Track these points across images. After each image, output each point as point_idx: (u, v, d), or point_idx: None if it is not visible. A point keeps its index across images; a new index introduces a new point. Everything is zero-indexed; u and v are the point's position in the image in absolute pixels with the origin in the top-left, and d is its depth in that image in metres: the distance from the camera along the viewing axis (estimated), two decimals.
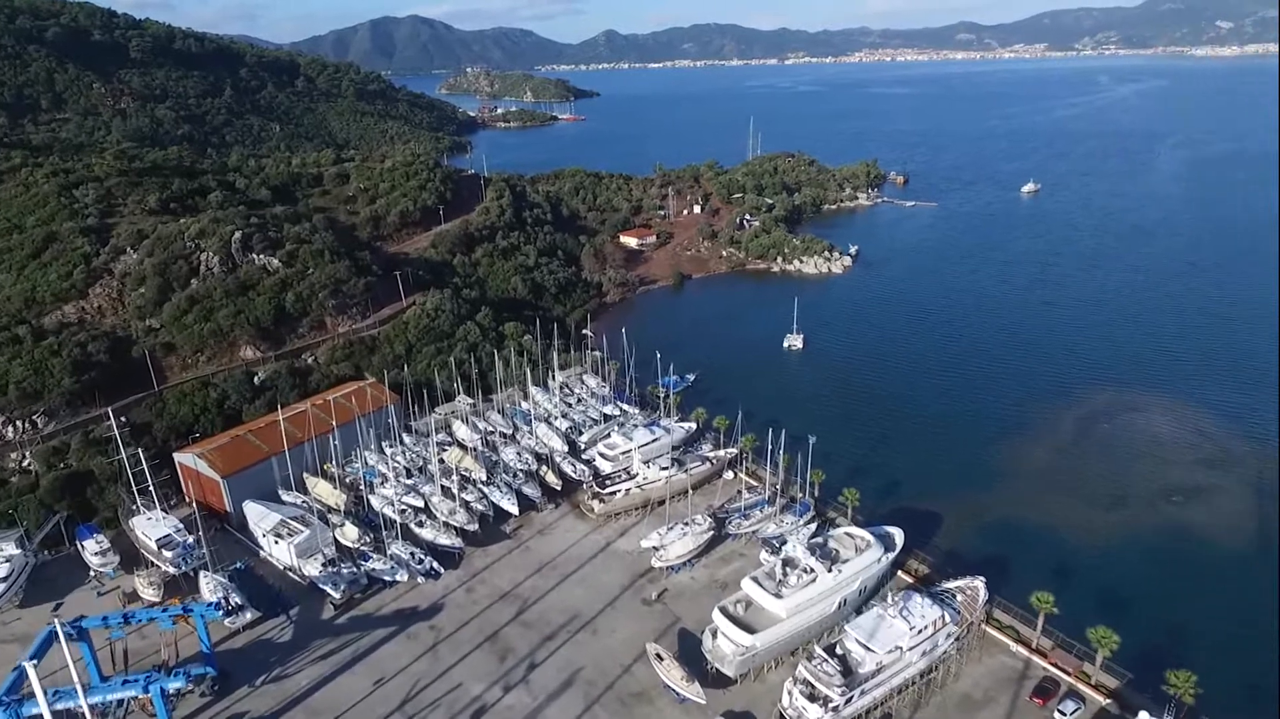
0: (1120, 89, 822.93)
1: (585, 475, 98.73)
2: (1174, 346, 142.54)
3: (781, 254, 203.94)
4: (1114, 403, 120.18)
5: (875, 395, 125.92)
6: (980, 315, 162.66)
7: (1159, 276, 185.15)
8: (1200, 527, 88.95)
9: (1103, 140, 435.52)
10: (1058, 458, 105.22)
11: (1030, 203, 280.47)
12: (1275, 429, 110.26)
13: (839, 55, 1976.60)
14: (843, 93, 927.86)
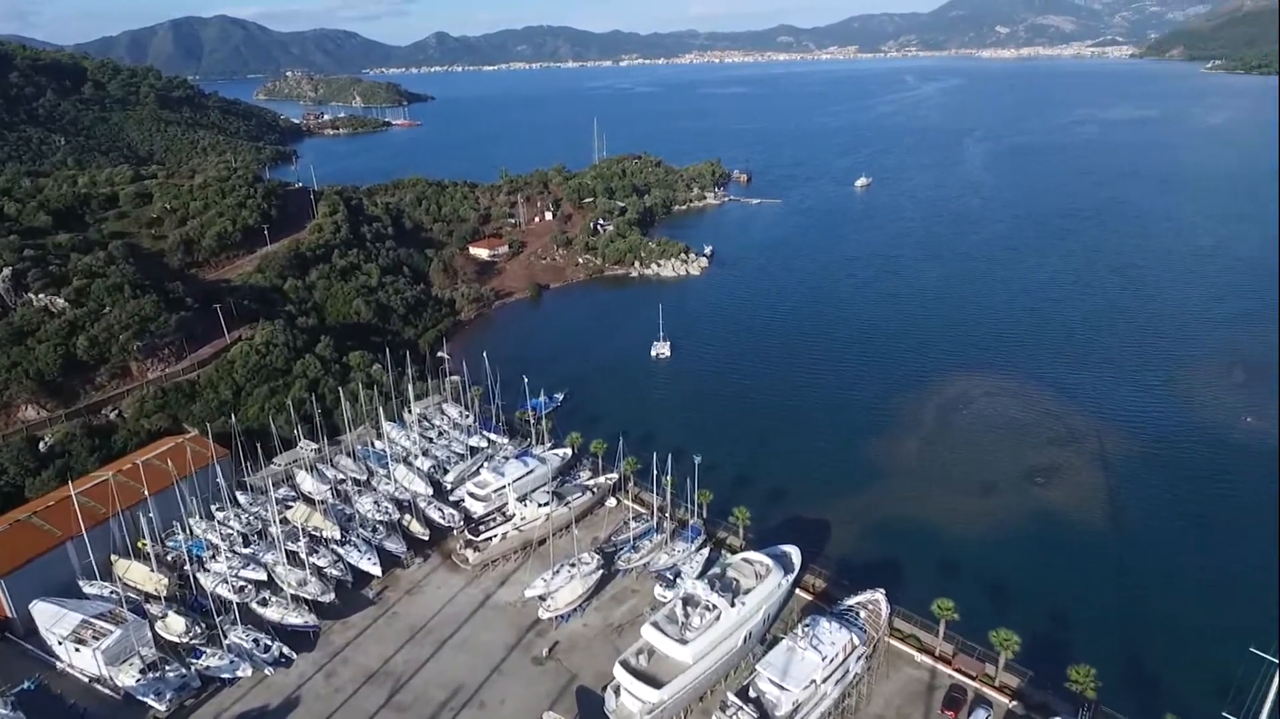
0: (925, 87, 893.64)
1: (455, 520, 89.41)
2: (1010, 330, 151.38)
3: (639, 258, 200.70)
4: (968, 389, 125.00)
5: (747, 401, 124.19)
6: (835, 310, 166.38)
7: (987, 263, 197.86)
8: (1063, 507, 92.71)
9: (919, 135, 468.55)
10: (927, 449, 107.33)
11: (865, 196, 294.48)
12: (1113, 404, 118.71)
13: (671, 57, 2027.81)
14: (679, 93, 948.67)
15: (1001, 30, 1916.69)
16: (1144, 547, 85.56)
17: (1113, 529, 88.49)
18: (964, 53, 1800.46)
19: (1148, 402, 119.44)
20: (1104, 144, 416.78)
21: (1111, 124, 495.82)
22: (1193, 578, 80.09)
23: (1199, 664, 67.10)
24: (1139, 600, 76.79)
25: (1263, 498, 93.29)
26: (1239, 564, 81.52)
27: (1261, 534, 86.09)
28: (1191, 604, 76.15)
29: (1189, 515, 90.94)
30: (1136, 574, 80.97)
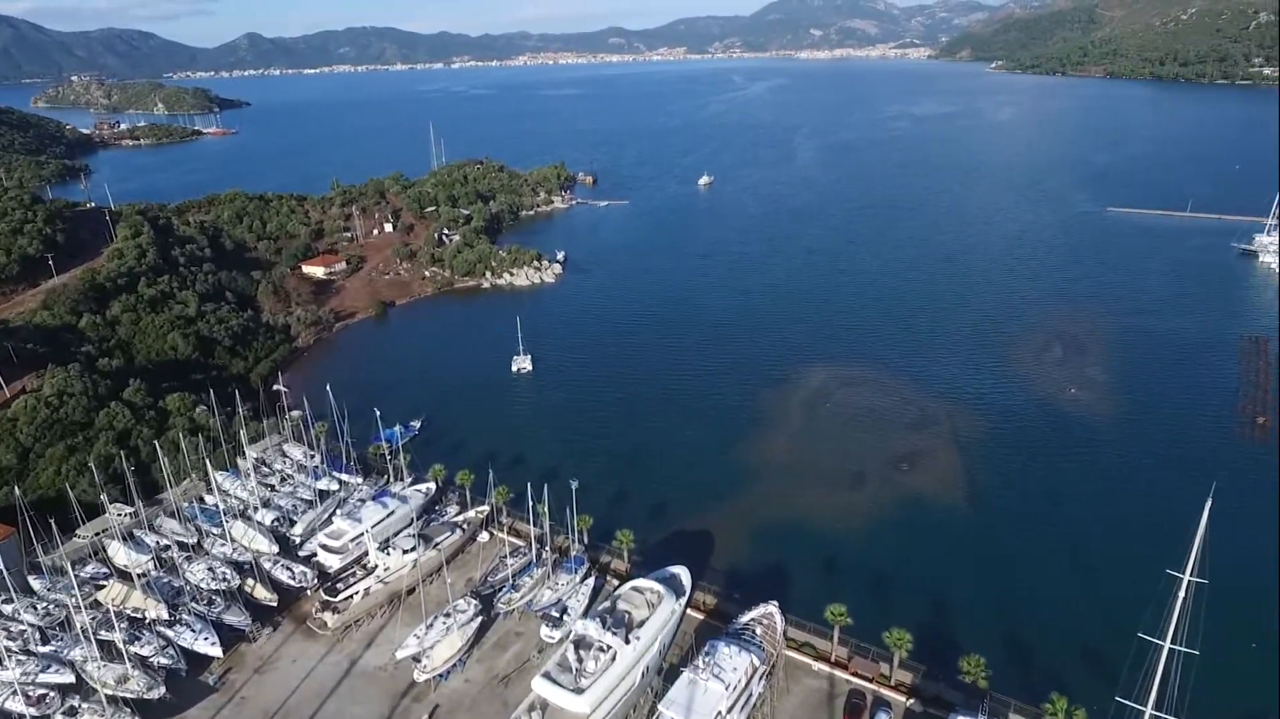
0: (754, 87, 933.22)
1: (308, 580, 79.64)
2: (858, 319, 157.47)
3: (490, 268, 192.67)
4: (827, 381, 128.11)
5: (617, 412, 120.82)
6: (693, 310, 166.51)
7: (829, 256, 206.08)
8: (929, 492, 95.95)
9: (753, 133, 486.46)
10: (796, 446, 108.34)
11: (708, 194, 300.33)
12: (957, 385, 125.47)
13: (504, 59, 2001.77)
14: (515, 95, 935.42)
15: (815, 33, 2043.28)
16: (1005, 524, 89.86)
17: (976, 509, 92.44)
18: (784, 54, 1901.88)
19: (987, 380, 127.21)
20: (917, 138, 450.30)
21: (921, 119, 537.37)
22: (1052, 552, 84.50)
23: (1076, 641, 70.61)
24: (1011, 580, 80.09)
25: (1093, 466, 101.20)
26: (1091, 537, 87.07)
27: (1102, 502, 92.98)
28: (1057, 579, 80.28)
29: (1038, 488, 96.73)
30: (1003, 553, 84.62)
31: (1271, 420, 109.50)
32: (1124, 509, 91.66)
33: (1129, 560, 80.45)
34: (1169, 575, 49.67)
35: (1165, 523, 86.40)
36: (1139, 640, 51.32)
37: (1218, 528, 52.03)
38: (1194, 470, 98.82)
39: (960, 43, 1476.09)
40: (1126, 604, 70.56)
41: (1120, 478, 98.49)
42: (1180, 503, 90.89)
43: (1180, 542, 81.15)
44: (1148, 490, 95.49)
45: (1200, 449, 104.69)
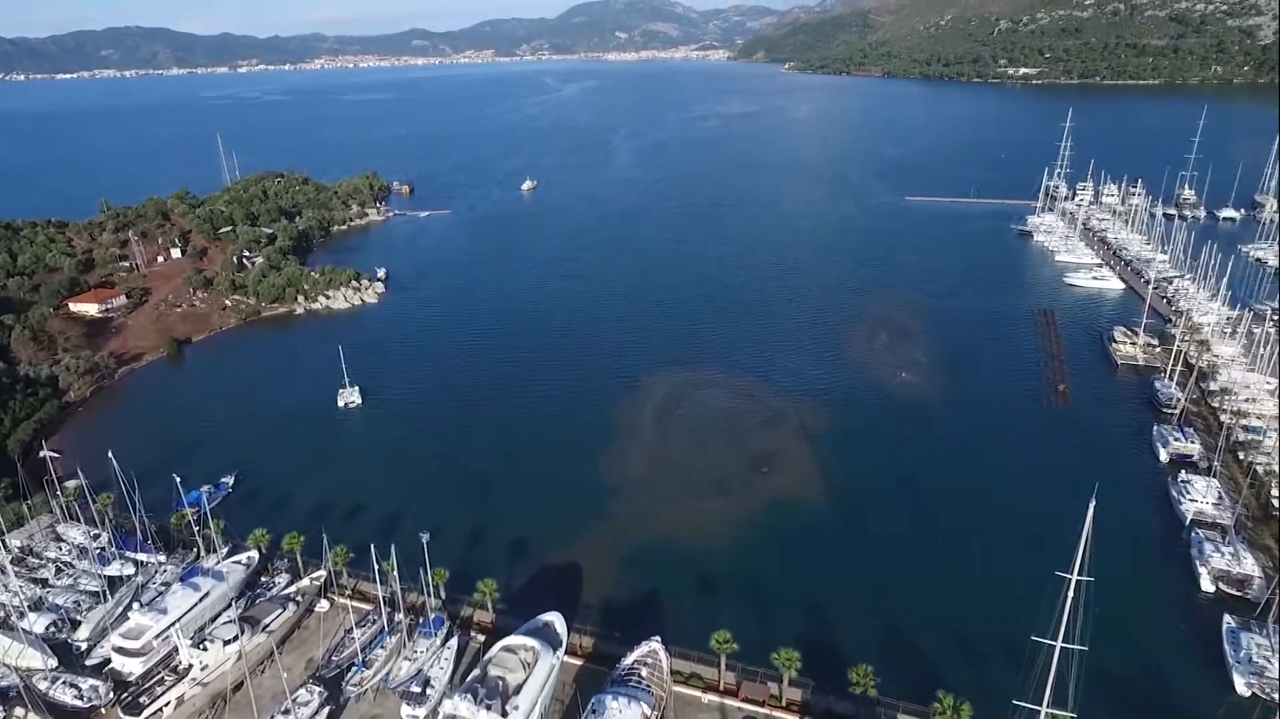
0: (567, 89, 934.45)
1: (100, 695, 65.47)
2: (698, 320, 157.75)
3: (302, 292, 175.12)
4: (677, 386, 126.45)
5: (462, 442, 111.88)
6: (531, 322, 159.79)
7: (660, 257, 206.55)
8: (791, 493, 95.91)
9: (572, 135, 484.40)
10: (655, 458, 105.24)
11: (533, 200, 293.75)
12: (800, 379, 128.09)
13: (298, 62, 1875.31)
14: (314, 100, 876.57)
15: (620, 35, 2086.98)
16: (868, 519, 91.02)
17: (840, 507, 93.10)
18: (592, 56, 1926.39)
19: (825, 371, 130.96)
20: (728, 136, 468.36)
21: (729, 118, 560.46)
22: (917, 544, 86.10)
23: (963, 643, 71.10)
24: (887, 580, 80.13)
25: (933, 447, 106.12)
26: (947, 522, 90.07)
27: (948, 482, 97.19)
28: (929, 573, 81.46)
29: (891, 476, 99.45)
30: (873, 551, 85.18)
31: (1070, 388, 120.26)
32: (971, 488, 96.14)
33: (995, 545, 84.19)
34: (1057, 577, 50.35)
35: (1014, 500, 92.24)
36: (1032, 643, 51.86)
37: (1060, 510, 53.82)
38: (1021, 441, 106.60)
39: (755, 45, 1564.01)
40: (1004, 598, 73.74)
41: (958, 457, 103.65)
42: (1022, 476, 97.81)
43: (1030, 519, 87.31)
44: (986, 465, 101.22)
45: (1020, 419, 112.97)
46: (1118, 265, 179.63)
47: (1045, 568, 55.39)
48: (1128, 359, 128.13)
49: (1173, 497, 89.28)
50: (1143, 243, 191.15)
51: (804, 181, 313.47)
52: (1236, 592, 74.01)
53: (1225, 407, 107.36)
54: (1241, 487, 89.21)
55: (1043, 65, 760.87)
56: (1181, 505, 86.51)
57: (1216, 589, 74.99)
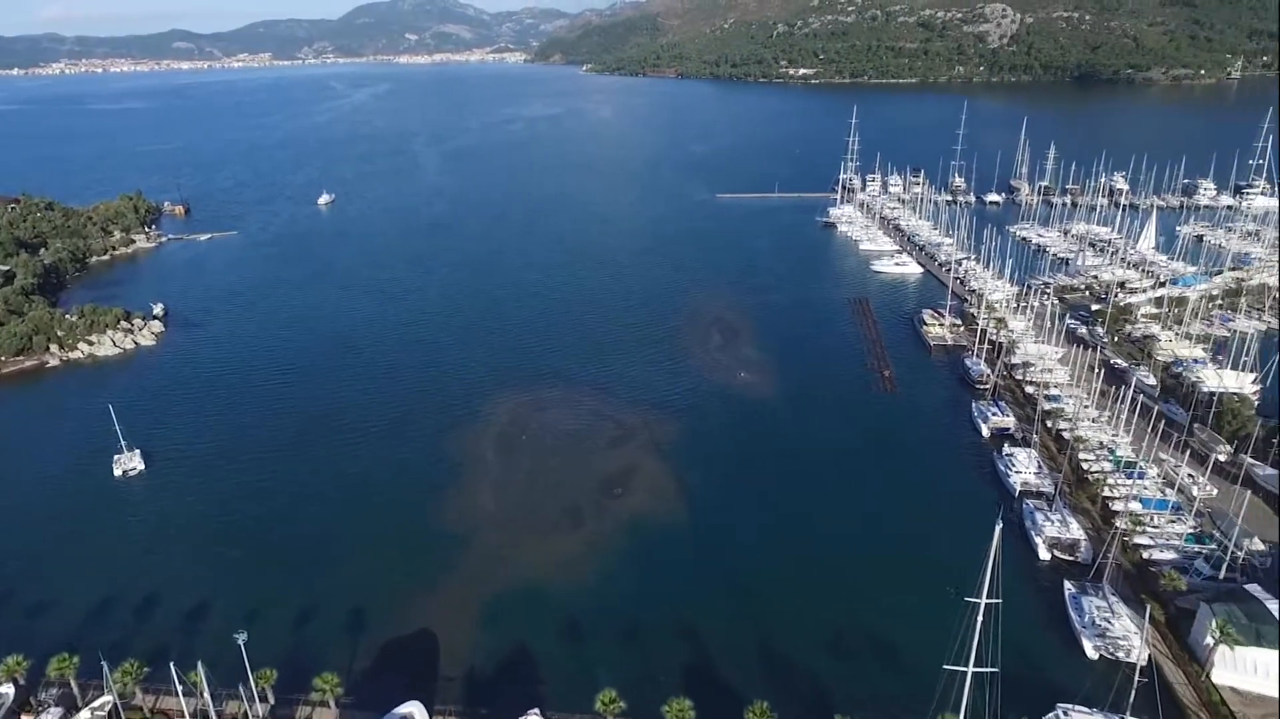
0: (358, 94, 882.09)
1: None
2: (530, 336, 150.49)
3: (55, 339, 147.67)
4: (517, 409, 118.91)
5: (271, 505, 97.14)
6: (342, 354, 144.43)
7: (480, 270, 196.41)
8: (653, 515, 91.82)
9: (369, 143, 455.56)
10: (503, 493, 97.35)
11: (332, 215, 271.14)
12: (643, 388, 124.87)
13: (30, 67, 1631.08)
14: (57, 111, 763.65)
15: (411, 37, 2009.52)
16: (731, 533, 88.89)
17: (704, 525, 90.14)
18: (382, 58, 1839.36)
19: (666, 378, 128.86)
20: (534, 139, 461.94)
21: (534, 120, 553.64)
22: (783, 551, 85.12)
23: (868, 672, 70.19)
24: (763, 603, 78.02)
25: (784, 446, 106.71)
26: (810, 523, 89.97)
27: (805, 484, 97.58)
28: (799, 581, 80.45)
29: (747, 481, 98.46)
30: (744, 564, 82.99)
31: (894, 373, 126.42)
32: (824, 483, 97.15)
33: (860, 542, 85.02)
34: (966, 602, 49.53)
35: (868, 491, 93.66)
36: (944, 671, 50.62)
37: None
38: (860, 429, 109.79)
39: (551, 47, 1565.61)
40: (885, 604, 73.69)
41: (807, 453, 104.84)
42: (868, 464, 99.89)
43: (890, 510, 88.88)
44: (833, 458, 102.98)
45: (855, 408, 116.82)
46: (914, 251, 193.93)
47: (917, 559, 54.86)
48: (938, 340, 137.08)
49: (1000, 470, 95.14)
50: (931, 228, 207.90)
51: (617, 183, 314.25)
52: (1069, 557, 79.28)
53: (1027, 378, 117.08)
54: (1055, 454, 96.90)
55: (818, 66, 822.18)
56: (1010, 479, 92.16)
57: (1052, 556, 79.97)
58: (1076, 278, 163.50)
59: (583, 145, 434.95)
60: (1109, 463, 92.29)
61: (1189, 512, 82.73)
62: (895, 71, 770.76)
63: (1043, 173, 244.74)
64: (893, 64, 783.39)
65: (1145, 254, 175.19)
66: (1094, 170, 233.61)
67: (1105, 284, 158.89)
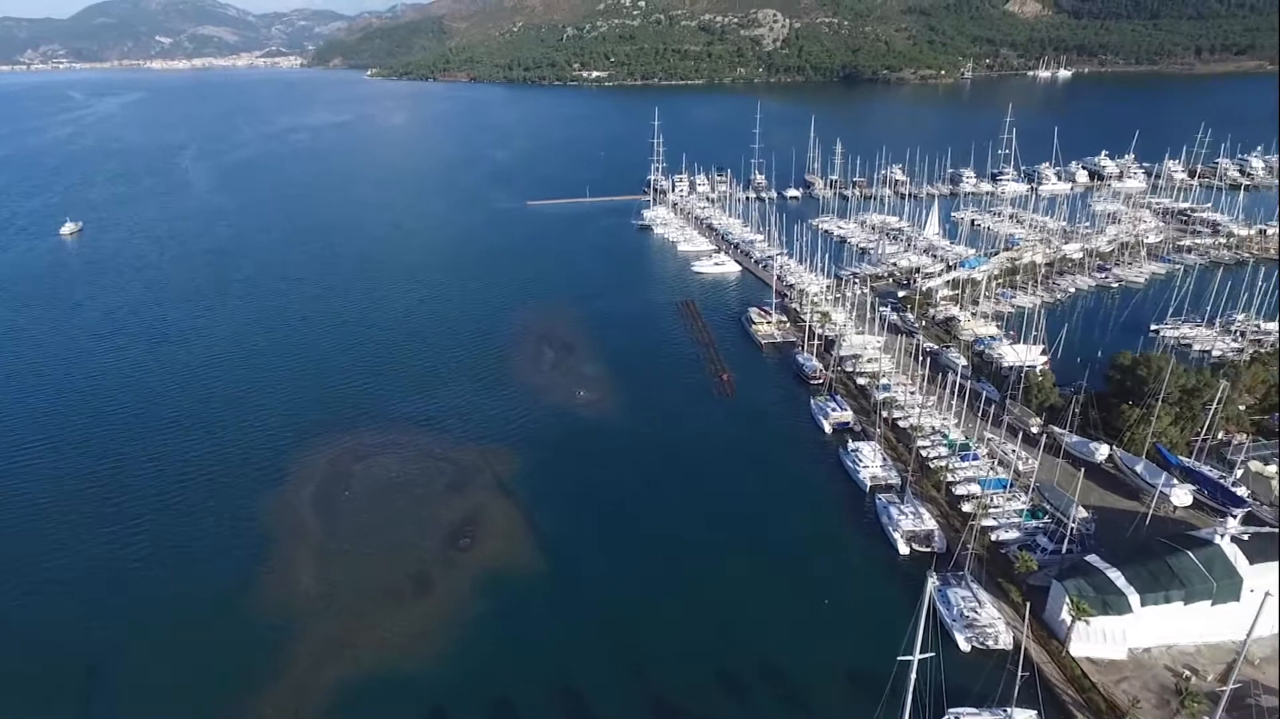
0: (104, 103, 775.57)
1: None
2: (343, 372, 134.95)
3: None
4: (337, 461, 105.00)
5: (19, 623, 78.37)
6: (113, 412, 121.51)
7: (271, 303, 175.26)
8: (505, 563, 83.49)
9: (124, 159, 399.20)
10: (329, 566, 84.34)
11: (80, 246, 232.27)
12: (479, 420, 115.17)
13: None
14: None
15: (164, 40, 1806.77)
16: (597, 567, 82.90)
17: (563, 564, 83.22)
18: (129, 64, 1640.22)
19: (502, 406, 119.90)
20: (322, 150, 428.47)
21: (319, 130, 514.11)
22: (655, 582, 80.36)
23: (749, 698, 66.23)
24: (640, 645, 72.63)
25: (633, 466, 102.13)
26: (676, 546, 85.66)
27: (664, 502, 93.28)
28: (679, 614, 75.95)
29: (604, 510, 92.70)
30: (618, 609, 77.03)
31: (732, 374, 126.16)
32: (683, 499, 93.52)
33: (734, 560, 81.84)
34: (899, 662, 46.44)
35: (728, 501, 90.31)
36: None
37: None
38: (708, 438, 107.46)
39: (330, 51, 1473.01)
40: (773, 619, 70.66)
41: (659, 470, 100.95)
42: (722, 474, 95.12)
43: (752, 519, 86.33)
44: (687, 472, 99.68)
45: (700, 416, 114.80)
46: (730, 250, 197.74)
47: (791, 570, 51.78)
48: (768, 338, 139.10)
49: (848, 466, 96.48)
50: (742, 226, 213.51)
51: (420, 193, 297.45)
52: (926, 548, 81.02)
53: (857, 370, 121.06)
54: (895, 444, 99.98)
55: (610, 69, 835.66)
56: (859, 474, 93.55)
57: (911, 550, 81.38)
58: (879, 266, 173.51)
59: (378, 155, 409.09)
60: (944, 448, 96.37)
61: (1020, 488, 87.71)
62: (683, 73, 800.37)
63: (833, 167, 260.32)
64: (680, 66, 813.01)
65: (932, 240, 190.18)
66: (876, 163, 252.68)
67: (905, 271, 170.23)
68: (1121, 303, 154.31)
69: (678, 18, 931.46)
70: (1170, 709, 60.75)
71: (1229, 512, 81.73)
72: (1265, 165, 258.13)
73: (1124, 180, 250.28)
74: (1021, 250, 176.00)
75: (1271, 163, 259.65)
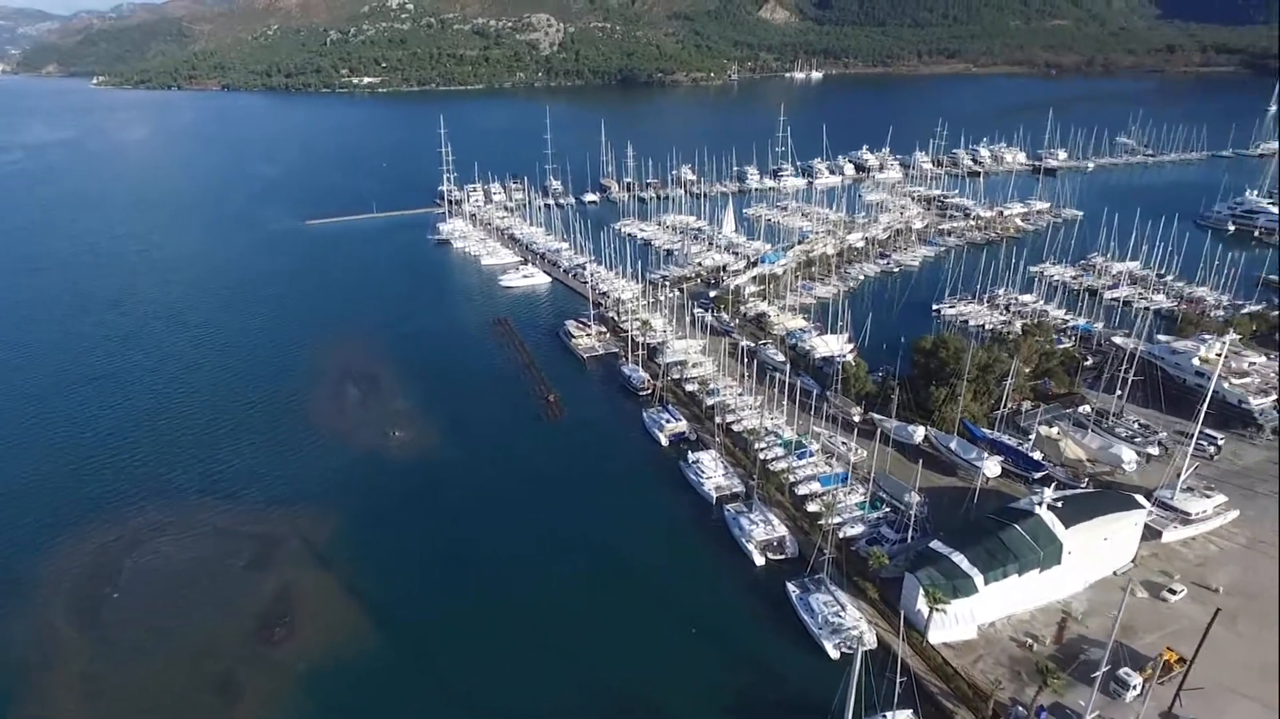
0: None
1: None
2: (96, 444, 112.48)
3: None
4: (100, 553, 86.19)
5: None
6: None
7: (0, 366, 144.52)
8: (326, 649, 71.95)
9: None
10: (101, 691, 68.40)
11: None
12: (272, 482, 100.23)
13: None
14: None
15: None
16: (438, 634, 73.81)
17: (398, 637, 73.19)
18: None
19: (305, 460, 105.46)
20: (48, 172, 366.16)
21: (40, 148, 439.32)
22: (515, 634, 72.89)
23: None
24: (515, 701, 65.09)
25: (467, 512, 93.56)
26: (528, 595, 78.62)
27: (501, 552, 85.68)
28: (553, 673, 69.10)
29: (435, 566, 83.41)
30: (467, 676, 68.85)
31: (558, 394, 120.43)
32: (531, 544, 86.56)
33: (609, 599, 76.16)
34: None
35: (577, 538, 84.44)
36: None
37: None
38: (543, 468, 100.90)
39: (42, 56, 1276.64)
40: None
41: (496, 512, 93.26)
42: (563, 507, 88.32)
43: (603, 551, 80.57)
44: (525, 510, 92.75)
45: (531, 444, 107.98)
46: (537, 260, 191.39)
47: (657, 601, 47.68)
48: (590, 351, 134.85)
49: (691, 479, 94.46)
50: (545, 235, 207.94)
51: (176, 217, 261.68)
52: (780, 555, 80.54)
53: (684, 377, 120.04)
54: (734, 450, 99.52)
55: (383, 74, 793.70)
56: (704, 486, 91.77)
57: (766, 560, 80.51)
58: (686, 267, 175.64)
59: (122, 175, 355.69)
60: (780, 448, 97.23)
61: (857, 480, 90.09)
62: (461, 78, 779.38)
63: (627, 170, 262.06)
64: (457, 71, 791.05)
65: (731, 237, 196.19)
66: (668, 164, 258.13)
67: (711, 270, 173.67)
68: (903, 286, 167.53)
69: (450, 21, 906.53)
70: (1023, 683, 63.83)
71: (1031, 477, 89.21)
72: (991, 154, 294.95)
73: (884, 172, 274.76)
74: (813, 243, 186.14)
75: (997, 151, 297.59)
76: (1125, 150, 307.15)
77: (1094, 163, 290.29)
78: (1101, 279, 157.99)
